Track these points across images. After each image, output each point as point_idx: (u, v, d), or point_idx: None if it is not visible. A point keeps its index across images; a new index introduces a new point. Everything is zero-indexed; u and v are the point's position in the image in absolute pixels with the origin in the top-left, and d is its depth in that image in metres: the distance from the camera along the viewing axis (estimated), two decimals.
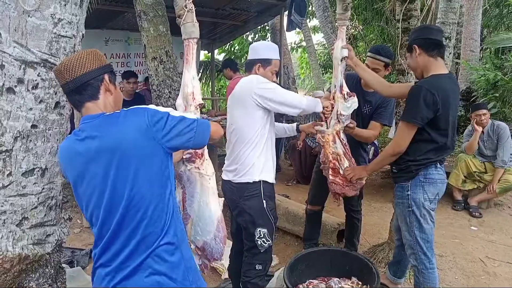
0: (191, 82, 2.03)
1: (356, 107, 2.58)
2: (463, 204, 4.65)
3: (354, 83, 2.89)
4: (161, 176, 1.40)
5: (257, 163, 2.23)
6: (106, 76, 1.44)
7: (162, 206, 1.40)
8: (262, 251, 2.27)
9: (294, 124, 2.70)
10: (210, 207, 1.93)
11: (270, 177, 2.31)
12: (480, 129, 4.40)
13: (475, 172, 4.60)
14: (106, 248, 1.38)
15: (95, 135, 1.35)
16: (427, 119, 2.12)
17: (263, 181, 2.25)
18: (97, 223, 1.39)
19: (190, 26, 1.99)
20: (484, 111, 4.45)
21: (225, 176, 2.36)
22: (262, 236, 2.25)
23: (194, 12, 2.01)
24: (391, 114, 2.93)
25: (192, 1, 1.99)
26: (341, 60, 2.54)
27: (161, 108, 1.43)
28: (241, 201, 2.25)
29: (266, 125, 2.26)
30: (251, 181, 2.23)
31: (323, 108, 2.40)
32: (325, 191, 3.08)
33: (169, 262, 1.39)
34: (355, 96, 2.57)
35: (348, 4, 2.54)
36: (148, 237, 1.37)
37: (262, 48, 2.37)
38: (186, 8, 1.96)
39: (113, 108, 1.47)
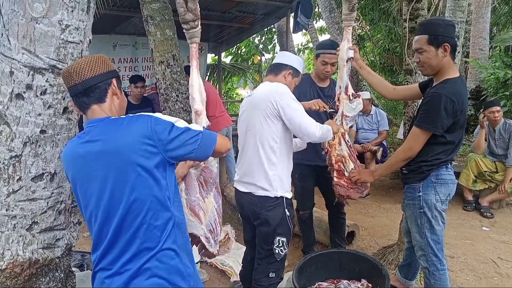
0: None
1: (361, 109, 2.58)
2: (474, 205, 4.59)
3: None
4: (160, 184, 1.39)
5: (278, 179, 2.21)
6: (114, 81, 1.48)
7: (162, 212, 1.39)
8: (278, 259, 2.27)
9: None
10: None
11: (290, 193, 2.31)
12: (485, 125, 4.35)
13: (486, 171, 4.53)
14: (106, 252, 1.39)
15: (98, 139, 1.37)
16: (447, 126, 2.09)
17: (285, 197, 2.26)
18: (96, 225, 1.40)
19: (200, 31, 2.04)
20: (498, 107, 4.38)
21: (243, 188, 2.31)
22: (281, 245, 2.24)
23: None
24: None
25: (200, 5, 2.00)
26: (347, 61, 2.53)
27: (167, 117, 1.43)
28: (263, 212, 2.22)
29: (286, 134, 2.21)
30: (273, 196, 2.22)
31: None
32: (311, 193, 3.19)
33: (169, 265, 1.39)
34: (360, 97, 2.57)
35: (354, 4, 2.52)
36: (148, 241, 1.37)
37: (298, 61, 2.40)
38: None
39: (118, 112, 1.49)
